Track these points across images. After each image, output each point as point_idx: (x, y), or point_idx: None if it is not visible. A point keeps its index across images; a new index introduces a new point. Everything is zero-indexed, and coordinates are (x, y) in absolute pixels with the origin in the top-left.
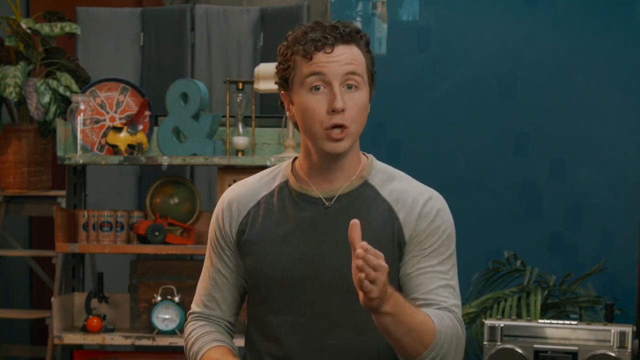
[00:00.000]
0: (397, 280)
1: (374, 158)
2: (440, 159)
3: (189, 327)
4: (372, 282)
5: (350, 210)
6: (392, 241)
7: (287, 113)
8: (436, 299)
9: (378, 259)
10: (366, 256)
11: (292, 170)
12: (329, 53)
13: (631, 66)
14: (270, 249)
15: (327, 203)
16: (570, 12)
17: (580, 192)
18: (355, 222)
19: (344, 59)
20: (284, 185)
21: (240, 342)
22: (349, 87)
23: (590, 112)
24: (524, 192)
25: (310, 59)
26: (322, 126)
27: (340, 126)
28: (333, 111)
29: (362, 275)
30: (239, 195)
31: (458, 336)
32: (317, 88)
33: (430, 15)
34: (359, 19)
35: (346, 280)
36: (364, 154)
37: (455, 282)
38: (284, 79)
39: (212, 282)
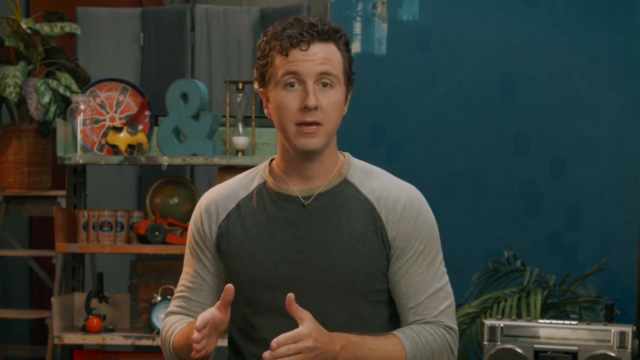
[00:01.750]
0: (386, 278)
1: (351, 156)
2: (440, 159)
3: (164, 322)
4: None
5: (331, 208)
6: (377, 239)
7: (265, 110)
8: (424, 311)
9: (298, 342)
10: (278, 353)
11: (269, 171)
12: (304, 50)
13: (631, 66)
14: (253, 251)
15: (305, 202)
16: (570, 12)
17: (580, 192)
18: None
19: (319, 57)
20: (262, 187)
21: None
22: (324, 84)
23: (590, 112)
24: (524, 192)
25: (286, 55)
26: (294, 122)
27: (312, 123)
28: (305, 108)
29: None
30: (217, 198)
31: (440, 348)
32: (291, 85)
33: (430, 15)
34: (359, 19)
35: (330, 278)
36: (341, 153)
37: (444, 281)
38: (262, 76)
39: (190, 285)
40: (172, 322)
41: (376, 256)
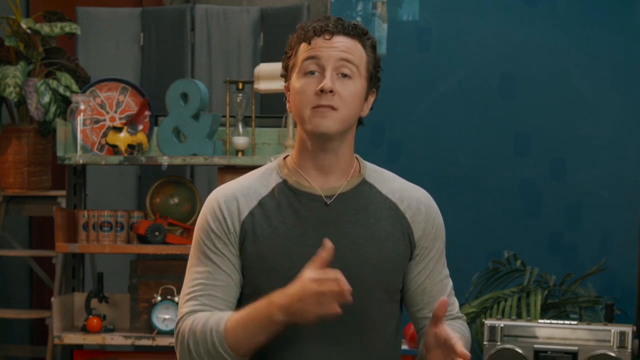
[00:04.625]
0: (403, 278)
1: (361, 157)
2: (440, 159)
3: (187, 322)
4: None
5: (356, 208)
6: (404, 238)
7: (287, 105)
8: (449, 309)
9: None
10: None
11: (287, 169)
12: (327, 39)
13: (631, 66)
14: (285, 249)
15: (327, 201)
16: (570, 12)
17: (580, 192)
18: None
19: (341, 46)
20: (283, 185)
21: None
22: (344, 75)
23: (590, 112)
24: (524, 192)
25: (309, 43)
26: (310, 106)
27: (327, 107)
28: (321, 91)
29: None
30: (236, 193)
31: (469, 339)
32: (312, 72)
33: (430, 15)
34: (359, 18)
35: (363, 276)
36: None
37: (451, 280)
38: (286, 68)
39: (213, 282)
40: (205, 316)
41: (402, 255)
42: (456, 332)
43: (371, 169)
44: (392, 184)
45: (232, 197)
